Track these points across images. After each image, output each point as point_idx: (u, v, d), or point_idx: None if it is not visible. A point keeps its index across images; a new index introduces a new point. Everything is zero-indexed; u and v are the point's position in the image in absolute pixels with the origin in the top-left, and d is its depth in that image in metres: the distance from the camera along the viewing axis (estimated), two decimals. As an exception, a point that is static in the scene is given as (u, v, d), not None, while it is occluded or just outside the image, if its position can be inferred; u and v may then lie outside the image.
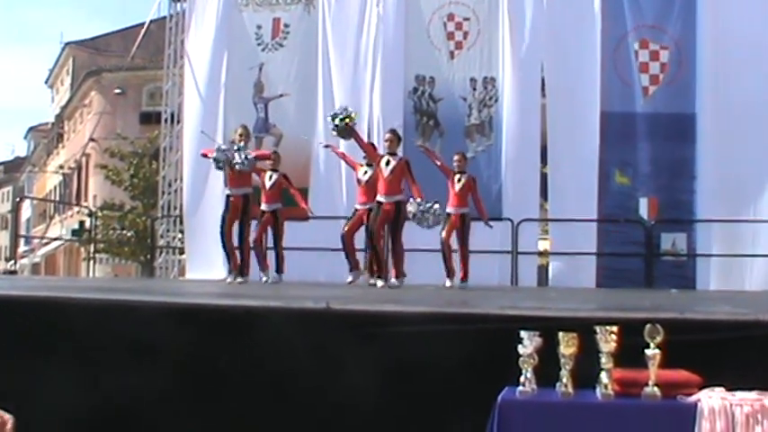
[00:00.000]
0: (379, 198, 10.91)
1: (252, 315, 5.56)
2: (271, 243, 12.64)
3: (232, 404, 5.29)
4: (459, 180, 11.68)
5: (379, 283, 10.77)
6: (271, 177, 12.30)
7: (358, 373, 5.08)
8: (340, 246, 12.01)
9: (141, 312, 5.68)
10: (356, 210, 11.94)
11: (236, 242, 11.31)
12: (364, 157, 11.89)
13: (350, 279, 11.72)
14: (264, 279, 12.18)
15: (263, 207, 12.24)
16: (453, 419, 4.90)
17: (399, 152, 11.22)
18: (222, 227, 11.31)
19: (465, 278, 11.62)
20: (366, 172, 11.84)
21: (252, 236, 11.80)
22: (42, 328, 5.61)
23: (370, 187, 11.54)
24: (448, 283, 11.40)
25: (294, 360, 5.22)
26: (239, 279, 11.19)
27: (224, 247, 11.35)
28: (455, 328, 5.17)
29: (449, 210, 11.55)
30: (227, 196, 11.35)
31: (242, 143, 11.33)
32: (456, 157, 11.92)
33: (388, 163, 10.90)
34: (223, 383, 5.35)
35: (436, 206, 10.83)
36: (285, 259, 12.50)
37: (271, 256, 12.51)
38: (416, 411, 5.03)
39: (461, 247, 11.72)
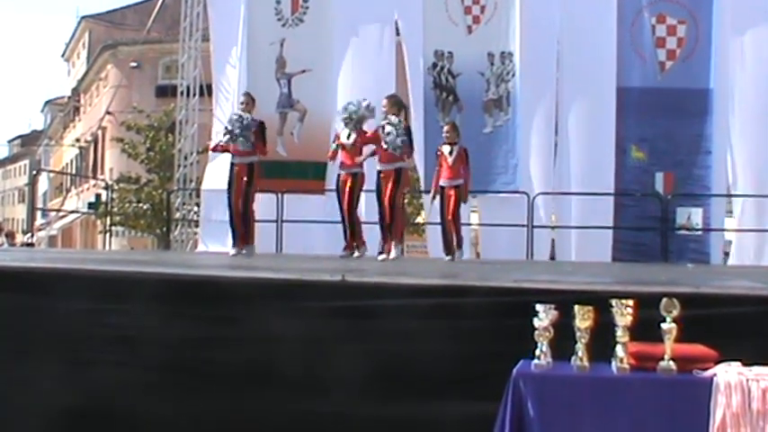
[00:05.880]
0: (379, 167, 10.73)
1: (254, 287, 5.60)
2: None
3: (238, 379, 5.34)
4: (450, 152, 11.09)
5: (381, 257, 10.58)
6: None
7: (369, 346, 5.11)
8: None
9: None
10: (339, 175, 11.25)
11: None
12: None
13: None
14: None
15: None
16: (469, 392, 4.92)
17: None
18: (229, 196, 11.09)
19: (458, 247, 11.17)
20: (350, 135, 11.12)
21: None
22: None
23: (356, 151, 11.03)
24: (447, 259, 11.15)
25: (307, 333, 5.26)
26: (243, 251, 10.93)
27: (230, 216, 11.11)
28: (471, 301, 5.19)
29: (442, 183, 11.13)
30: (232, 164, 11.12)
31: (247, 112, 11.15)
32: (445, 128, 11.45)
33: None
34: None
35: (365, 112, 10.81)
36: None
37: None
38: (432, 384, 5.05)
39: (452, 219, 11.14)
